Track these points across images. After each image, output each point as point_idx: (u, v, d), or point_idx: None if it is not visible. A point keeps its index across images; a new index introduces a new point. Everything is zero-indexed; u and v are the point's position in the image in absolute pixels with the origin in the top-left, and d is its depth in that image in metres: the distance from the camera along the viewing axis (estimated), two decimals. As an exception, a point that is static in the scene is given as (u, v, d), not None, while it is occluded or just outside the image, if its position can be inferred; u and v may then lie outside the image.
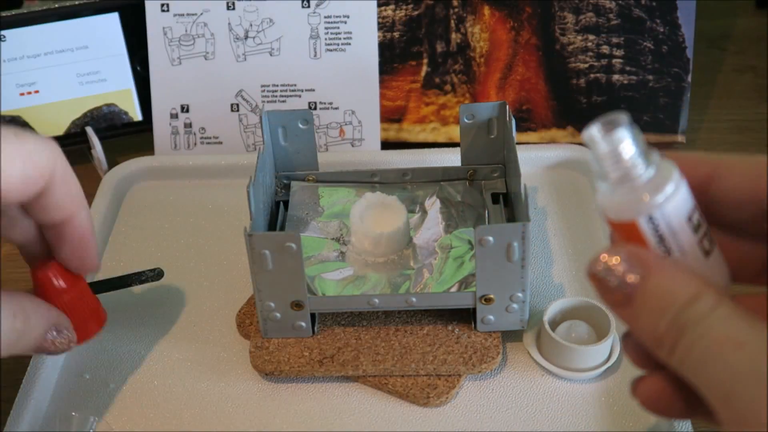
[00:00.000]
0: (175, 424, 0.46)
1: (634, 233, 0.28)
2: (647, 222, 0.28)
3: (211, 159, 0.64)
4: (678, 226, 0.28)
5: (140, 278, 0.53)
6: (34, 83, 0.65)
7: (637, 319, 0.28)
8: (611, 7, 0.64)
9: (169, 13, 0.65)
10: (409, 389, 0.47)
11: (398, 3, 0.65)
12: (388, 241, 0.49)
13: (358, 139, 0.66)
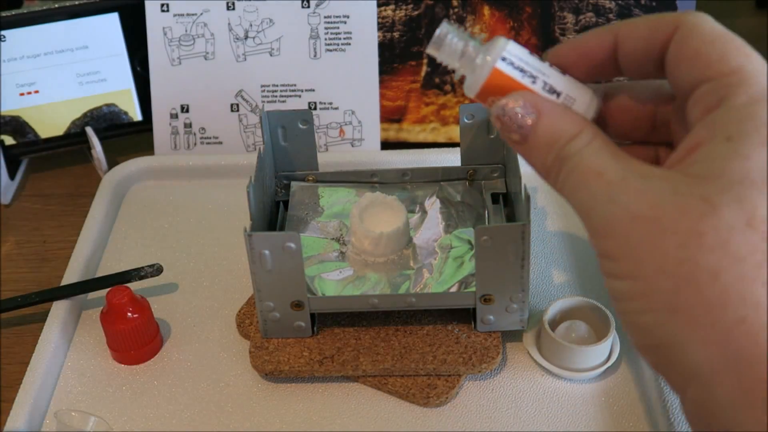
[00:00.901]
0: (175, 424, 0.46)
1: (500, 80, 0.34)
2: (502, 62, 0.34)
3: (211, 159, 0.64)
4: (526, 56, 0.34)
5: (139, 274, 0.53)
6: (34, 83, 0.65)
7: (532, 154, 0.34)
8: (611, 7, 0.64)
9: (169, 13, 0.65)
10: (409, 389, 0.47)
11: (398, 3, 0.65)
12: (388, 241, 0.49)
13: (358, 139, 0.66)
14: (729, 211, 0.28)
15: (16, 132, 0.66)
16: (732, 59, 0.30)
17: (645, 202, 0.29)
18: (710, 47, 0.31)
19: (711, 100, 0.30)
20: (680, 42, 0.32)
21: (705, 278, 0.28)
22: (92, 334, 0.52)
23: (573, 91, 0.35)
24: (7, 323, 0.54)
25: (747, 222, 0.28)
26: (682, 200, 0.29)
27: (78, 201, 0.65)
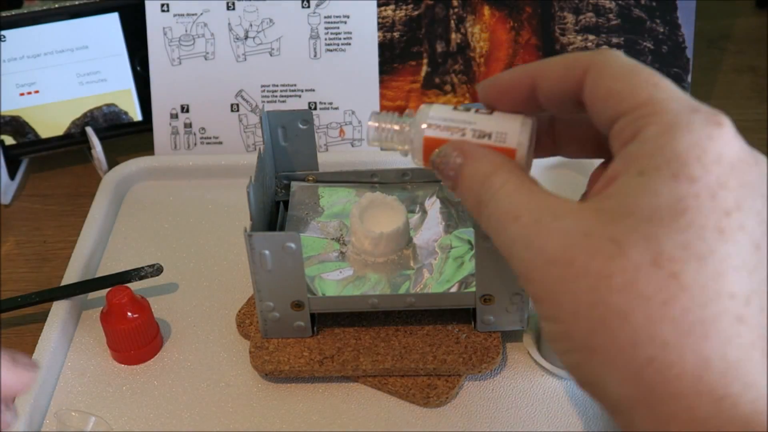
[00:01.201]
0: (175, 424, 0.46)
1: (434, 144, 0.37)
2: (429, 129, 0.37)
3: (211, 159, 0.64)
4: (450, 114, 0.37)
5: (139, 274, 0.53)
6: (34, 83, 0.65)
7: (462, 196, 0.36)
8: (611, 7, 0.64)
9: (169, 13, 0.65)
10: (409, 389, 0.47)
11: (398, 3, 0.65)
12: (388, 241, 0.49)
13: (358, 139, 0.66)
14: (635, 251, 0.28)
15: (16, 132, 0.66)
16: (641, 91, 0.31)
17: (558, 245, 0.30)
18: (620, 84, 0.31)
19: (627, 134, 0.31)
20: (592, 83, 0.32)
21: (615, 320, 0.28)
22: (92, 334, 0.52)
23: (502, 126, 0.37)
24: (7, 323, 0.54)
25: (652, 260, 0.28)
26: (591, 242, 0.29)
27: (78, 201, 0.65)
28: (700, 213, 0.28)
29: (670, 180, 0.28)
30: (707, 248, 0.27)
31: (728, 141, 0.29)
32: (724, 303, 0.27)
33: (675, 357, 0.27)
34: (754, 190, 0.29)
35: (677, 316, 0.27)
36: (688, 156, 0.28)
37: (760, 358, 0.27)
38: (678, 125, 0.29)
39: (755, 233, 0.28)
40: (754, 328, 0.27)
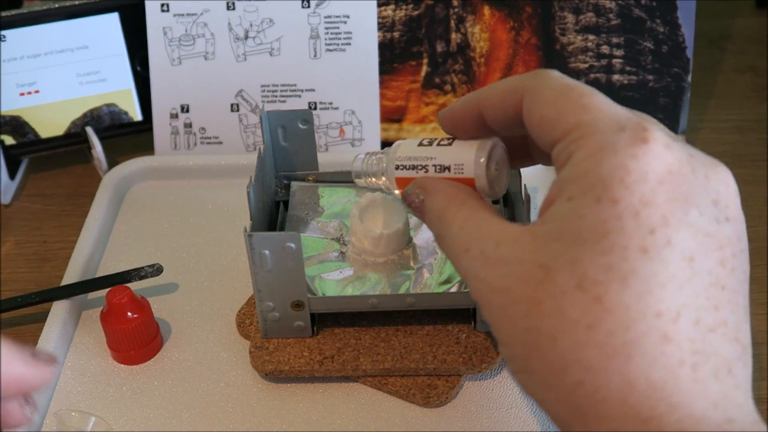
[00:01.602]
0: (175, 424, 0.46)
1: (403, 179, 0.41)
2: (397, 170, 0.41)
3: (211, 159, 0.64)
4: (415, 151, 0.40)
5: (140, 274, 0.53)
6: (34, 83, 0.65)
7: (429, 227, 0.37)
8: (611, 7, 0.64)
9: (169, 13, 0.65)
10: (409, 389, 0.47)
11: (398, 3, 0.65)
12: (388, 241, 0.49)
13: (358, 139, 0.66)
14: (561, 276, 0.28)
15: (16, 132, 0.66)
16: (569, 116, 0.31)
17: (497, 274, 0.31)
18: (551, 110, 0.31)
19: (561, 160, 0.31)
20: (527, 110, 0.33)
21: (546, 344, 0.29)
22: (92, 334, 0.52)
23: (459, 157, 0.38)
24: (7, 323, 0.54)
25: (577, 285, 0.28)
26: (524, 269, 0.30)
27: (78, 201, 0.65)
28: (623, 234, 0.28)
29: (593, 204, 0.28)
30: (630, 268, 0.27)
31: (656, 156, 0.28)
32: (648, 323, 0.27)
33: (601, 381, 0.27)
34: (687, 202, 0.28)
35: (601, 340, 0.27)
36: (611, 178, 0.28)
37: (690, 373, 0.27)
38: (603, 148, 0.29)
39: (687, 246, 0.28)
40: (682, 344, 0.27)
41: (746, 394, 0.28)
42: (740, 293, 0.29)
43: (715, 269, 0.28)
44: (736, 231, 0.30)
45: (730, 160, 0.71)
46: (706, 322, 0.28)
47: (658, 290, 0.27)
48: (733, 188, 0.30)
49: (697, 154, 0.30)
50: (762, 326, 0.52)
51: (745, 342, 0.29)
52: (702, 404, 0.27)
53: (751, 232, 0.60)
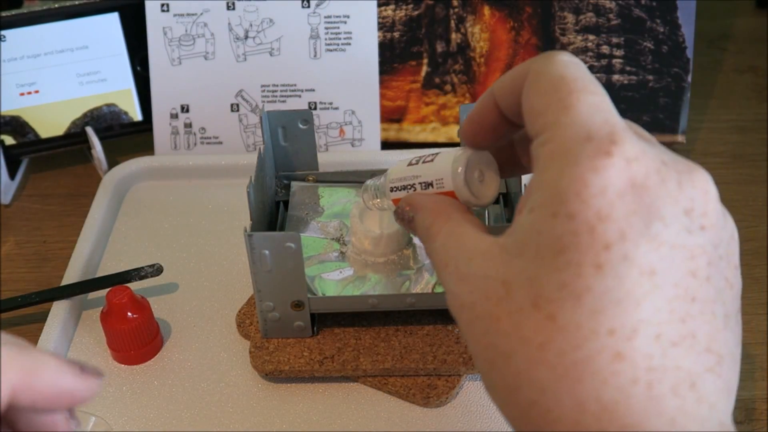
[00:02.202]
0: (175, 424, 0.46)
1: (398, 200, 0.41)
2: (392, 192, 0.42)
3: (211, 159, 0.64)
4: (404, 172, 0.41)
5: (140, 274, 0.53)
6: (34, 83, 0.65)
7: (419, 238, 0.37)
8: (611, 7, 0.64)
9: (169, 13, 0.65)
10: (409, 389, 0.47)
11: (398, 3, 0.65)
12: (388, 241, 0.49)
13: (358, 139, 0.66)
14: (519, 293, 0.28)
15: (16, 132, 0.66)
16: (550, 114, 0.29)
17: (466, 290, 0.30)
18: (540, 101, 0.30)
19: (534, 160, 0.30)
20: (524, 96, 0.31)
21: (502, 362, 0.28)
22: (92, 334, 0.52)
23: (439, 172, 0.39)
24: (7, 323, 0.54)
25: (533, 302, 0.28)
26: (488, 285, 0.29)
27: (78, 201, 0.65)
28: (578, 250, 0.27)
29: (550, 218, 0.28)
30: (584, 286, 0.27)
31: (618, 170, 0.27)
32: (600, 341, 0.26)
33: (552, 401, 0.27)
34: (650, 215, 0.27)
35: (552, 360, 0.27)
36: (567, 192, 0.27)
37: (644, 392, 0.26)
38: (564, 157, 0.28)
39: (647, 260, 0.27)
40: (637, 361, 0.26)
41: (714, 406, 0.27)
42: (718, 302, 0.28)
43: (684, 281, 0.27)
44: (713, 239, 0.29)
45: (730, 160, 0.71)
46: (669, 337, 0.27)
47: (612, 307, 0.26)
48: (712, 194, 0.29)
49: (671, 161, 0.29)
50: (762, 326, 0.52)
51: (722, 351, 0.28)
52: (657, 422, 0.26)
53: (752, 232, 0.60)
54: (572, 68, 0.30)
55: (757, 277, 0.56)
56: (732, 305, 0.29)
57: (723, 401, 0.28)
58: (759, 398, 0.48)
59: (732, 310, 0.29)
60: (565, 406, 0.27)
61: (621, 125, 0.28)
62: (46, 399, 0.28)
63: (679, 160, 0.29)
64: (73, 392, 0.28)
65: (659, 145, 0.30)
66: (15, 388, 0.27)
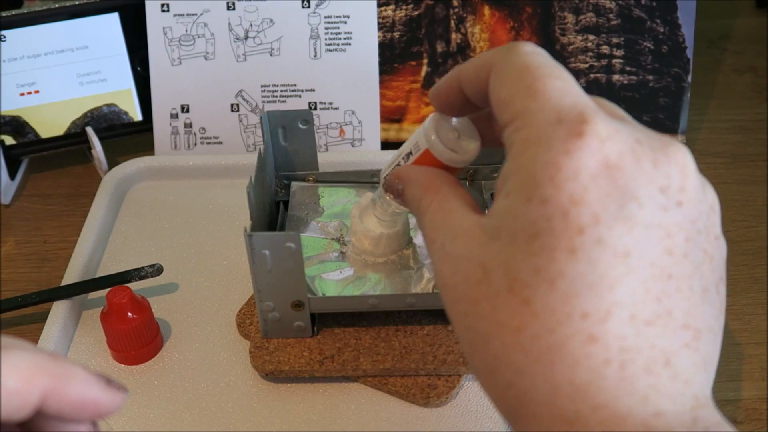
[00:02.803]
0: (175, 424, 0.46)
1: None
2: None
3: (211, 159, 0.64)
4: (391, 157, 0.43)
5: (140, 274, 0.53)
6: (34, 83, 0.65)
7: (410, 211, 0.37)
8: (611, 7, 0.64)
9: (169, 13, 0.65)
10: (409, 389, 0.47)
11: (398, 3, 0.65)
12: (388, 241, 0.49)
13: (358, 139, 0.66)
14: (496, 277, 0.28)
15: (16, 132, 0.66)
16: (517, 102, 0.30)
17: (448, 270, 0.31)
18: (506, 91, 0.30)
19: (507, 148, 0.30)
20: (490, 89, 0.32)
21: (480, 345, 0.29)
22: (92, 334, 0.52)
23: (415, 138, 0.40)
24: (7, 323, 0.54)
25: (508, 287, 0.28)
26: (468, 267, 0.29)
27: (78, 201, 0.65)
28: (552, 235, 0.27)
29: (524, 203, 0.28)
30: (558, 271, 0.27)
31: (591, 151, 0.27)
32: (574, 325, 0.27)
33: (528, 384, 0.27)
34: (624, 195, 0.27)
35: (528, 344, 0.27)
36: (541, 176, 0.27)
37: (617, 372, 0.27)
38: (537, 142, 0.28)
39: (621, 242, 0.27)
40: (610, 343, 0.27)
41: (689, 381, 0.27)
42: (695, 277, 0.28)
43: (660, 260, 0.28)
44: (691, 213, 0.29)
45: (730, 160, 0.71)
46: (644, 317, 0.27)
47: (586, 291, 0.27)
48: (689, 168, 0.29)
49: (646, 138, 0.29)
50: (762, 326, 0.52)
51: (700, 326, 0.28)
52: (628, 401, 0.26)
53: (752, 232, 0.60)
54: (535, 57, 0.30)
55: (757, 277, 0.56)
56: (711, 277, 0.29)
57: (700, 376, 0.28)
58: (759, 398, 0.48)
59: (711, 283, 0.29)
60: (540, 389, 0.27)
61: (591, 106, 0.28)
62: (72, 408, 0.28)
63: (654, 136, 0.29)
64: (99, 404, 0.29)
65: (634, 122, 0.30)
66: (45, 394, 0.27)
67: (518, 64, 0.30)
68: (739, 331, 0.52)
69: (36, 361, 0.27)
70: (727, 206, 0.62)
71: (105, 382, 0.29)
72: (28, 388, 0.27)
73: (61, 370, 0.28)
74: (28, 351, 0.28)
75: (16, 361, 0.27)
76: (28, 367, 0.27)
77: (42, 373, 0.27)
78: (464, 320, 0.30)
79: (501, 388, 0.28)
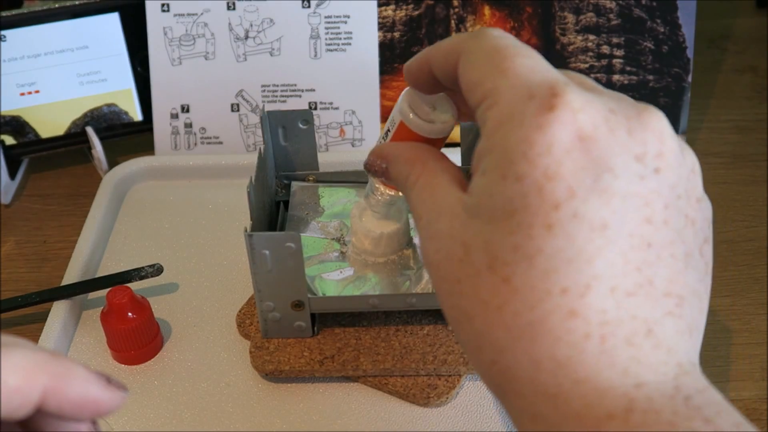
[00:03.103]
0: (175, 424, 0.46)
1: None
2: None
3: (211, 159, 0.64)
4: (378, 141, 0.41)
5: (140, 274, 0.53)
6: (35, 83, 0.65)
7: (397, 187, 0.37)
8: (611, 7, 0.64)
9: (169, 13, 0.65)
10: (409, 389, 0.47)
11: (398, 3, 0.65)
12: (389, 241, 0.49)
13: (359, 139, 0.66)
14: (476, 256, 0.28)
15: (16, 132, 0.66)
16: (486, 81, 0.30)
17: (433, 249, 0.31)
18: (476, 73, 0.30)
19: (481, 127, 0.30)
20: (460, 73, 0.31)
21: (466, 323, 0.29)
22: (92, 334, 0.52)
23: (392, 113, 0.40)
24: (7, 323, 0.54)
25: (489, 265, 0.28)
26: (450, 246, 0.30)
27: (78, 201, 0.65)
28: (528, 212, 0.27)
29: (500, 181, 0.28)
30: (535, 247, 0.27)
31: (563, 124, 0.27)
32: (554, 301, 0.27)
33: (510, 361, 0.28)
34: (599, 167, 0.27)
35: (509, 321, 0.27)
36: (514, 153, 0.27)
37: (597, 345, 0.27)
38: (509, 119, 0.28)
39: (598, 215, 0.27)
40: (590, 317, 0.27)
41: (672, 349, 0.27)
42: (677, 243, 0.28)
43: (639, 229, 0.27)
44: (670, 179, 0.28)
45: (730, 160, 0.71)
46: (624, 288, 0.27)
47: (564, 266, 0.27)
48: (666, 133, 0.29)
49: (620, 107, 0.29)
50: (762, 326, 0.52)
51: (683, 292, 0.28)
52: (609, 374, 0.27)
53: (752, 232, 0.60)
54: (503, 39, 0.30)
55: (757, 277, 0.56)
56: (694, 241, 0.29)
57: (684, 343, 0.28)
58: (759, 398, 0.48)
59: (694, 247, 0.29)
60: (522, 365, 0.27)
61: (561, 79, 0.28)
62: (73, 406, 0.28)
63: (629, 104, 0.29)
64: (99, 402, 0.29)
65: (607, 92, 0.30)
66: (45, 392, 0.27)
67: (487, 47, 0.30)
68: (739, 331, 0.52)
69: (36, 359, 0.27)
70: (727, 206, 0.63)
71: (105, 380, 0.29)
72: (29, 386, 0.27)
73: (61, 369, 0.28)
74: (28, 349, 0.28)
75: (16, 359, 0.27)
76: (28, 365, 0.27)
77: (42, 372, 0.27)
78: (449, 299, 0.30)
79: (486, 365, 0.29)
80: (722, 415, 0.26)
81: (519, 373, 0.28)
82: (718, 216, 0.60)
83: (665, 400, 0.26)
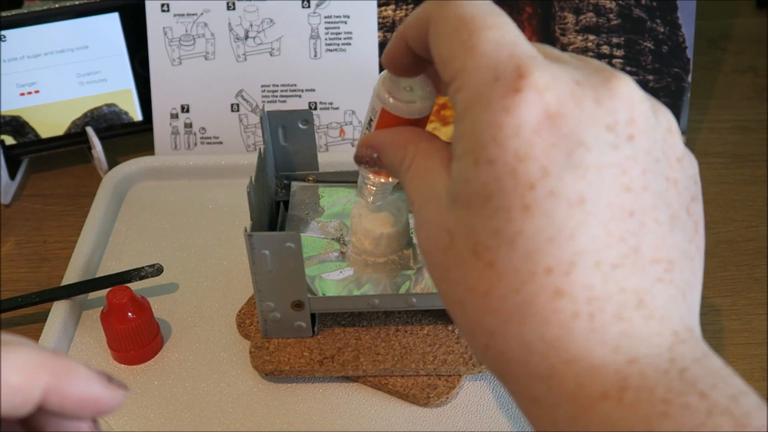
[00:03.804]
0: (175, 424, 0.46)
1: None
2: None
3: (211, 159, 0.64)
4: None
5: (140, 274, 0.53)
6: (35, 83, 0.65)
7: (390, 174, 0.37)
8: (611, 7, 0.64)
9: (169, 13, 0.65)
10: (409, 389, 0.47)
11: (398, 3, 0.65)
12: (388, 241, 0.49)
13: (359, 139, 0.66)
14: (460, 242, 0.28)
15: (16, 132, 0.66)
16: (455, 60, 0.29)
17: (423, 236, 0.30)
18: (445, 47, 0.29)
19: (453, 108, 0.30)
20: (430, 45, 0.31)
21: (458, 310, 0.29)
22: (92, 334, 0.52)
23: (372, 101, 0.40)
24: (7, 323, 0.54)
25: (472, 251, 0.28)
26: (437, 233, 0.29)
27: (78, 201, 0.65)
28: (504, 195, 0.27)
29: (474, 166, 0.28)
30: (515, 229, 0.27)
31: (529, 104, 0.27)
32: (539, 281, 0.27)
33: (502, 345, 0.28)
34: (570, 142, 0.27)
35: (497, 306, 0.27)
36: (484, 138, 0.27)
37: (586, 324, 0.26)
38: (476, 102, 0.28)
39: (574, 190, 0.27)
40: (577, 294, 0.26)
41: (666, 317, 0.27)
42: (660, 207, 0.28)
43: (618, 198, 0.27)
44: (645, 144, 0.28)
45: (730, 160, 0.71)
46: (610, 260, 0.27)
47: (546, 246, 0.27)
48: (636, 97, 0.28)
49: (586, 77, 0.28)
50: (762, 326, 0.52)
51: (672, 255, 0.28)
52: (600, 352, 0.26)
53: (752, 232, 0.60)
54: (468, 6, 0.30)
55: (757, 277, 0.56)
56: (678, 202, 0.29)
57: (678, 308, 0.28)
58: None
59: (679, 208, 0.29)
60: (514, 348, 0.27)
61: (527, 54, 0.28)
62: (74, 405, 0.28)
63: (595, 72, 0.29)
64: (100, 401, 0.29)
65: (573, 60, 0.30)
66: (46, 390, 0.27)
67: (453, 17, 0.30)
68: (739, 331, 0.52)
69: (38, 357, 0.27)
70: (727, 206, 0.63)
71: (106, 379, 0.29)
72: (30, 384, 0.27)
73: (62, 367, 0.28)
74: (30, 348, 0.28)
75: (18, 357, 0.27)
76: (29, 364, 0.27)
77: (43, 370, 0.27)
78: (441, 286, 0.30)
79: (480, 349, 0.29)
80: (719, 387, 0.25)
81: (511, 356, 0.28)
82: (718, 216, 0.60)
83: (659, 375, 0.26)
